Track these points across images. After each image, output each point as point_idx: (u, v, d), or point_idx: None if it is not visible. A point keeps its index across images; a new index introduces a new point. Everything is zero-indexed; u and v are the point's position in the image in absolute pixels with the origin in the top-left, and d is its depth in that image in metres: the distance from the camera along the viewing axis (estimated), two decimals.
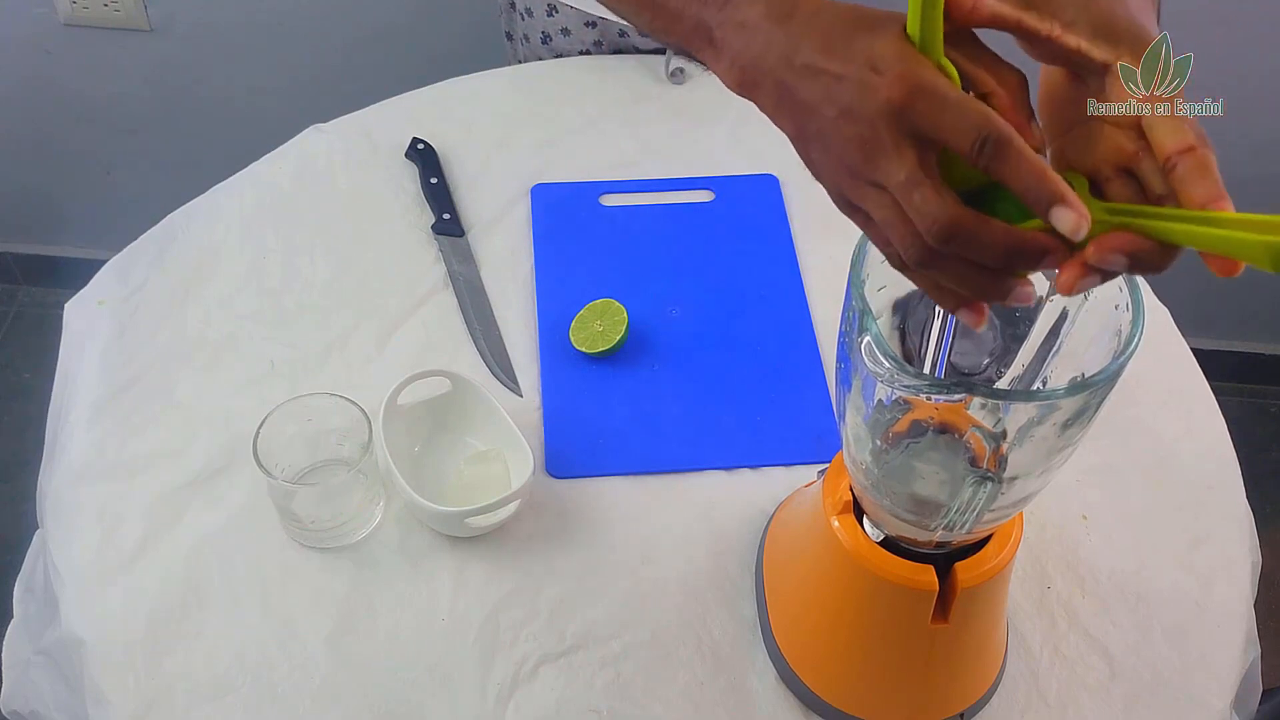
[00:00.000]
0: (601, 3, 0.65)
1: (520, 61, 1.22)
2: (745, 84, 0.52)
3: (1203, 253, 0.43)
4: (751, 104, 0.52)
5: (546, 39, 1.16)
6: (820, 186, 0.52)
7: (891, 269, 0.50)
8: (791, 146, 0.52)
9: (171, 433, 0.84)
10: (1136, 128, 0.45)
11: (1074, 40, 0.46)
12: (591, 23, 1.13)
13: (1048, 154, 0.49)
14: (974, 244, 0.44)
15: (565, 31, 1.14)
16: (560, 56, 1.17)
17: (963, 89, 0.46)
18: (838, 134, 0.47)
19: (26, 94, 1.66)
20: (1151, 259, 0.44)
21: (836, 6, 0.49)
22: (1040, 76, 0.50)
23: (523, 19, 1.17)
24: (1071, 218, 0.43)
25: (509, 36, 1.24)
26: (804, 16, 0.49)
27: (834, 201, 0.51)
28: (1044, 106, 0.49)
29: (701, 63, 0.57)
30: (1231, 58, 1.37)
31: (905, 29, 0.46)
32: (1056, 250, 0.44)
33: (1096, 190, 0.47)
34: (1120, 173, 0.46)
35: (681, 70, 1.12)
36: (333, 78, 1.60)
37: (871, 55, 0.46)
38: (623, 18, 0.64)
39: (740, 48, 0.51)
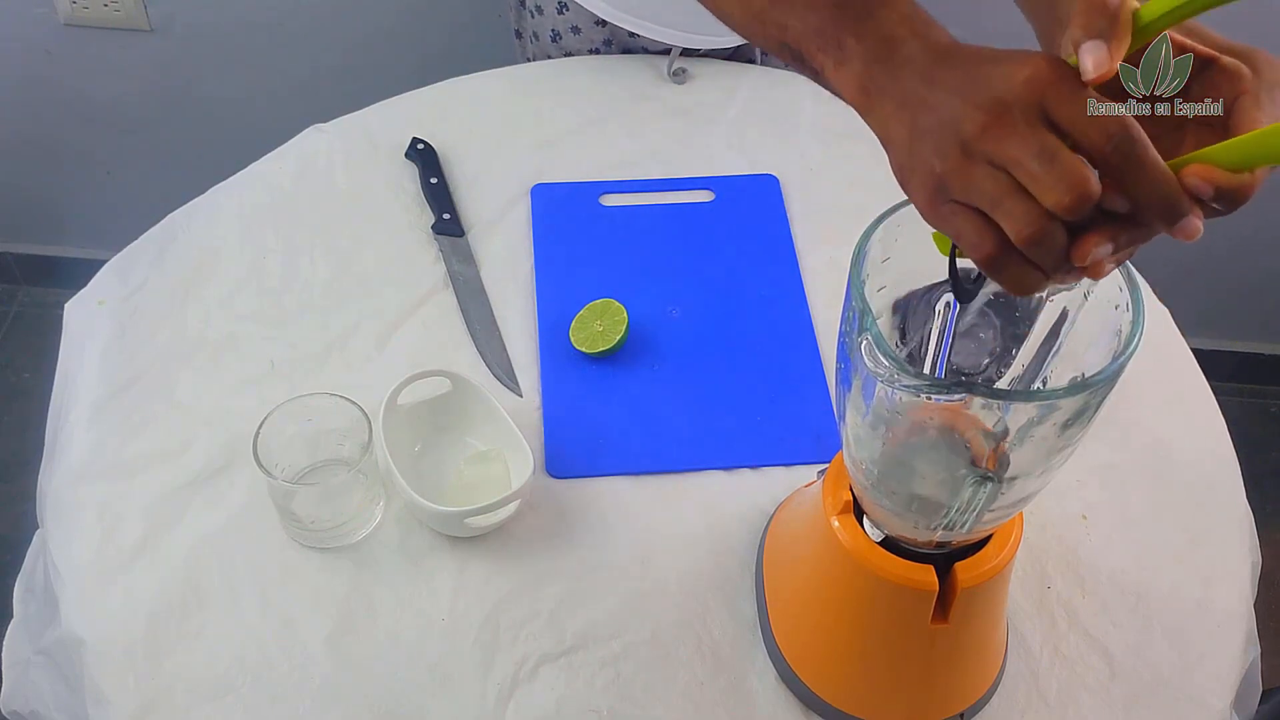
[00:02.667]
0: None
1: (530, 59, 1.22)
2: (870, 92, 0.51)
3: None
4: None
5: (556, 37, 1.16)
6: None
7: (886, 269, 0.50)
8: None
9: (171, 433, 0.83)
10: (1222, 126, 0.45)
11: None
12: (602, 21, 1.13)
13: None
14: (1113, 207, 0.43)
15: (575, 29, 1.14)
16: (570, 55, 1.17)
17: None
18: (963, 115, 0.45)
19: (26, 94, 1.66)
20: (1227, 188, 0.43)
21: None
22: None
23: (532, 16, 1.17)
24: (1196, 226, 0.43)
25: (518, 34, 1.24)
26: (951, 42, 0.49)
27: (923, 203, 0.48)
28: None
29: (815, 68, 0.55)
30: None
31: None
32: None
33: None
34: None
35: (684, 70, 1.13)
36: (333, 78, 1.60)
37: (1011, 54, 0.45)
38: (720, 9, 0.61)
39: (876, 57, 0.50)
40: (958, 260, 0.52)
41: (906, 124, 0.48)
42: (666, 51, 1.14)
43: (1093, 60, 0.43)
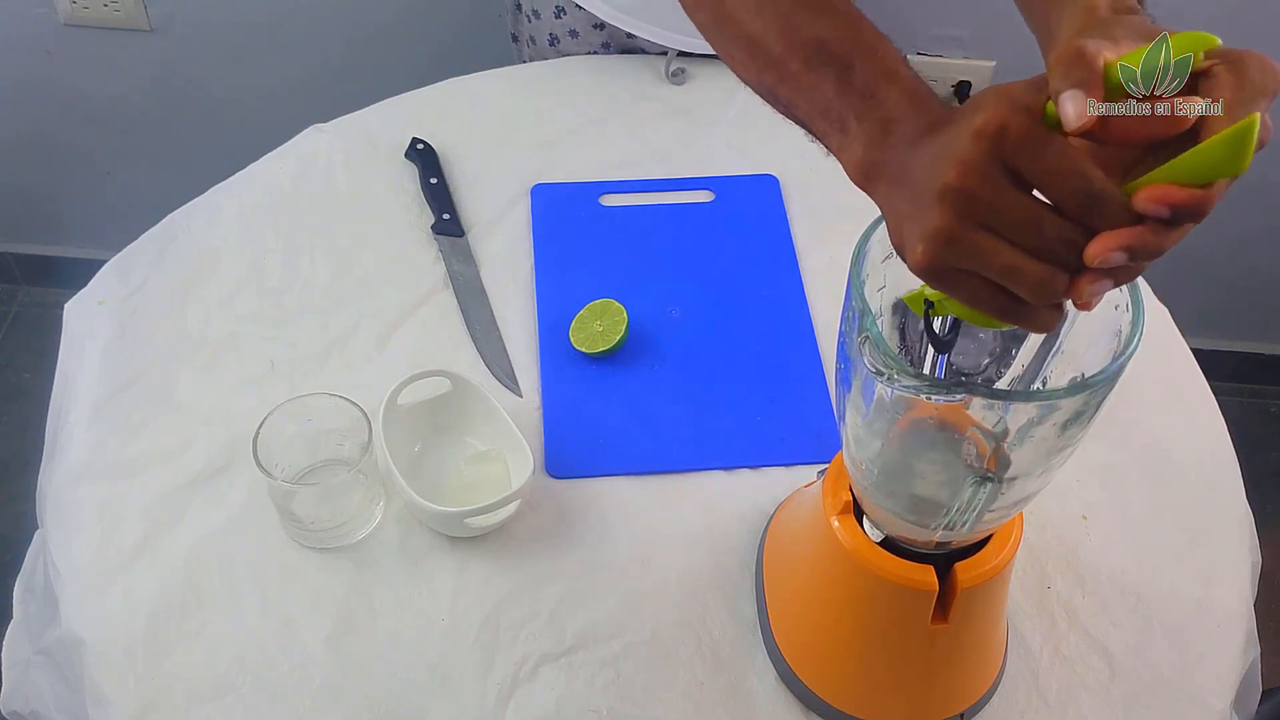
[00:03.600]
0: (716, 50, 0.63)
1: (526, 63, 1.22)
2: (871, 175, 0.51)
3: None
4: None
5: (554, 41, 1.16)
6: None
7: (886, 269, 0.50)
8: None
9: (171, 433, 0.83)
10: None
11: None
12: (600, 25, 1.13)
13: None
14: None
15: (573, 34, 1.14)
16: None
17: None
18: (932, 178, 0.45)
19: (26, 94, 1.66)
20: (1191, 203, 0.43)
21: None
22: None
23: (529, 21, 1.17)
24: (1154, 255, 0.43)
25: (515, 39, 1.24)
26: (942, 113, 0.49)
27: (927, 278, 0.48)
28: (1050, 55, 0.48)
29: (820, 143, 0.56)
30: None
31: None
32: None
33: None
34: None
35: (683, 70, 1.12)
36: (333, 78, 1.60)
37: (977, 103, 0.45)
38: (735, 73, 0.61)
39: (875, 141, 0.50)
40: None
41: (897, 201, 0.49)
42: (663, 52, 1.14)
43: (1074, 110, 0.43)
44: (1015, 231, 0.44)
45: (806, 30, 0.54)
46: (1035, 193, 0.44)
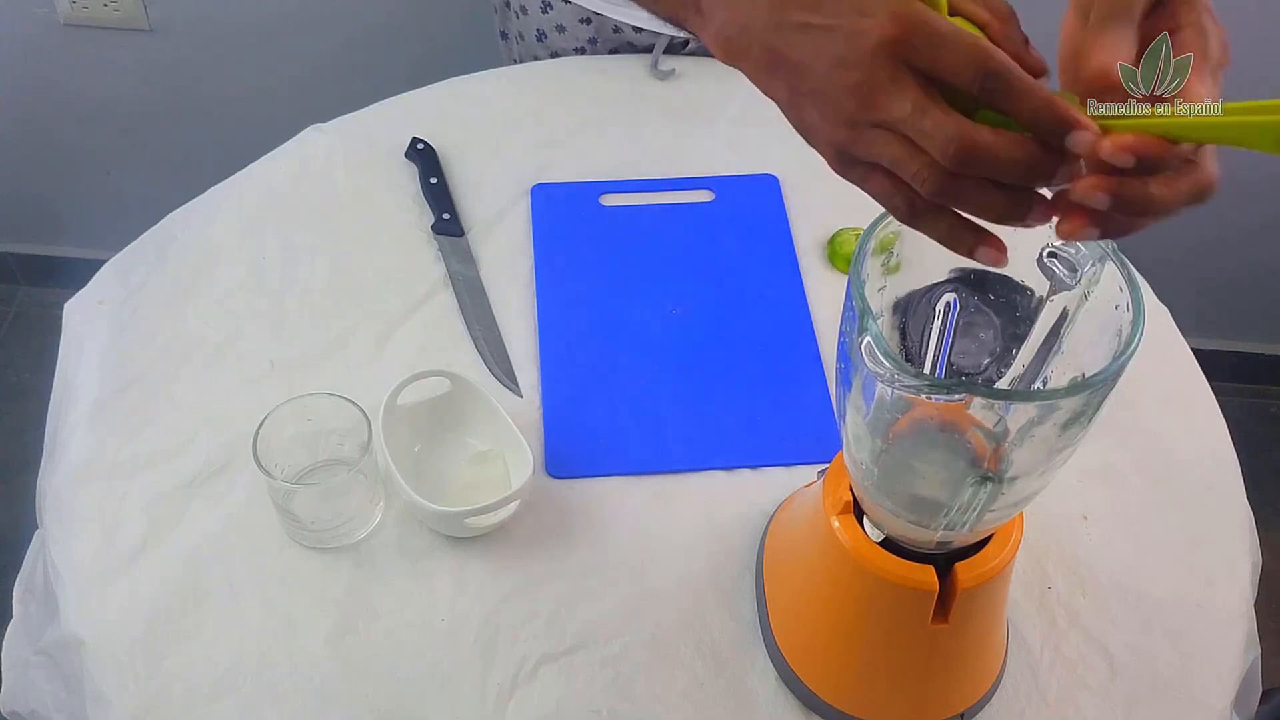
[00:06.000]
0: None
1: (516, 61, 1.22)
2: (732, 52, 0.51)
3: (1062, 212, 0.44)
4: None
5: (541, 36, 1.16)
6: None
7: (890, 271, 0.50)
8: (800, 140, 0.51)
9: (171, 433, 0.83)
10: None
11: None
12: (586, 19, 1.13)
13: (1052, 82, 0.48)
14: (993, 156, 0.44)
15: (560, 28, 1.14)
16: (556, 54, 1.17)
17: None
18: (834, 85, 0.46)
19: (26, 94, 1.66)
20: (1160, 156, 0.43)
21: None
22: (1062, 32, 0.49)
23: (517, 17, 1.17)
24: (1087, 139, 0.43)
25: (504, 36, 1.24)
26: None
27: (832, 165, 0.49)
28: (1065, 63, 0.48)
29: (691, 33, 0.56)
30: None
31: None
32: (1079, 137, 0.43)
33: None
34: None
35: (672, 70, 1.12)
36: (333, 78, 1.60)
37: (858, 2, 0.45)
38: None
39: (727, 15, 0.51)
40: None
41: (784, 87, 0.49)
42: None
43: (1092, 145, 0.43)
44: (904, 125, 0.45)
45: None
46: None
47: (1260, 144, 0.41)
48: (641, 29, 1.11)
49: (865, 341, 0.51)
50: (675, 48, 1.14)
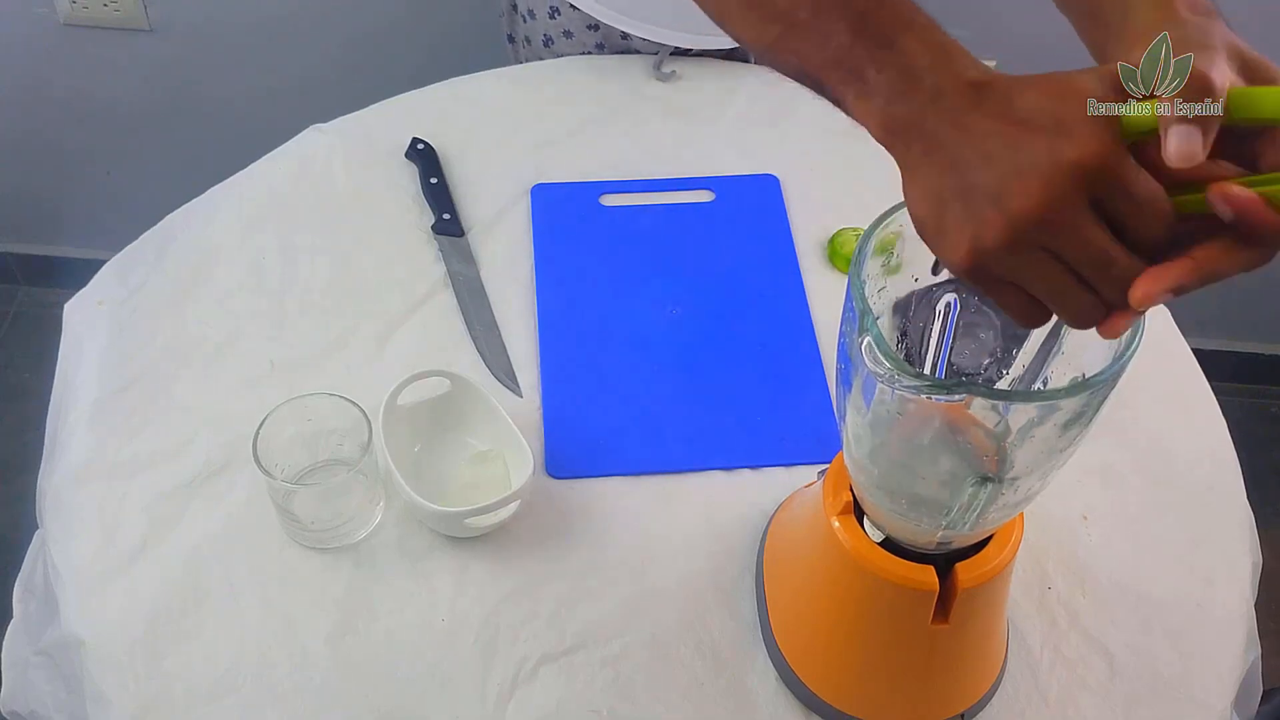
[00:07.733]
0: (707, 11, 0.58)
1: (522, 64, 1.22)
2: (894, 131, 0.48)
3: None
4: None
5: (549, 41, 1.16)
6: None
7: (890, 272, 0.50)
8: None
9: (171, 433, 0.83)
10: None
11: None
12: (594, 25, 1.13)
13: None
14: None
15: (568, 34, 1.14)
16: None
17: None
18: (1007, 192, 0.43)
19: (26, 94, 1.66)
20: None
21: (1015, 77, 0.45)
22: None
23: (524, 21, 1.17)
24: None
25: (510, 39, 1.24)
26: (978, 77, 0.46)
27: (958, 268, 0.46)
28: None
29: (835, 101, 0.52)
30: None
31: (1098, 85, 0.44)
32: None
33: None
34: None
35: (673, 72, 1.12)
36: (333, 78, 1.60)
37: (1057, 113, 0.43)
38: (732, 32, 0.57)
39: (899, 92, 0.47)
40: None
41: (935, 175, 0.46)
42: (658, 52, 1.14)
43: (1181, 151, 0.42)
44: (1083, 266, 0.43)
45: None
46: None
47: None
48: (649, 40, 1.11)
49: (866, 342, 0.51)
50: (678, 50, 1.14)
